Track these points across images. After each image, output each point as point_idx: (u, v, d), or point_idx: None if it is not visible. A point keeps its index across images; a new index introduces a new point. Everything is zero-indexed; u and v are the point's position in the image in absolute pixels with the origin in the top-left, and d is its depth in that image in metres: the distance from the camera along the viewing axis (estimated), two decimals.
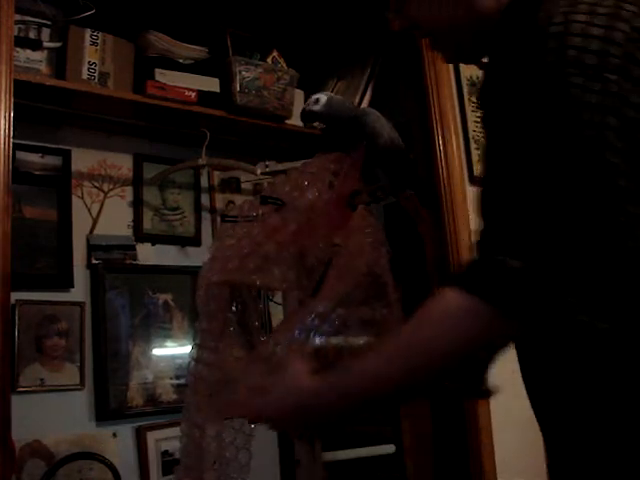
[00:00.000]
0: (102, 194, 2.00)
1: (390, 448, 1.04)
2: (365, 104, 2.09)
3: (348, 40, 2.19)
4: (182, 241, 2.13)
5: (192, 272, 1.96)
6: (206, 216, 2.20)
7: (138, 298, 1.97)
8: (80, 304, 1.86)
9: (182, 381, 1.90)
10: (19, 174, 1.76)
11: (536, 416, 0.87)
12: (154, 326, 1.98)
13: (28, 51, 1.71)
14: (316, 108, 1.13)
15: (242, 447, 1.04)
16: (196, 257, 2.11)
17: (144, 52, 1.95)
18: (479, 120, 1.90)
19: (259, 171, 2.10)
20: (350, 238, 0.98)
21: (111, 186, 2.02)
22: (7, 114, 1.36)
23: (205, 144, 2.00)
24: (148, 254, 2.05)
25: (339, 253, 0.95)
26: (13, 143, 1.36)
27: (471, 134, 1.90)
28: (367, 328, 0.91)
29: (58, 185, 1.90)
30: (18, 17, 1.62)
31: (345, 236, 0.98)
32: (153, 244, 2.07)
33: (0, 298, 1.27)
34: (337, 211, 1.00)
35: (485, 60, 0.86)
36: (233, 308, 1.04)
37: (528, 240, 0.70)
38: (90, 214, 1.96)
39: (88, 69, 1.80)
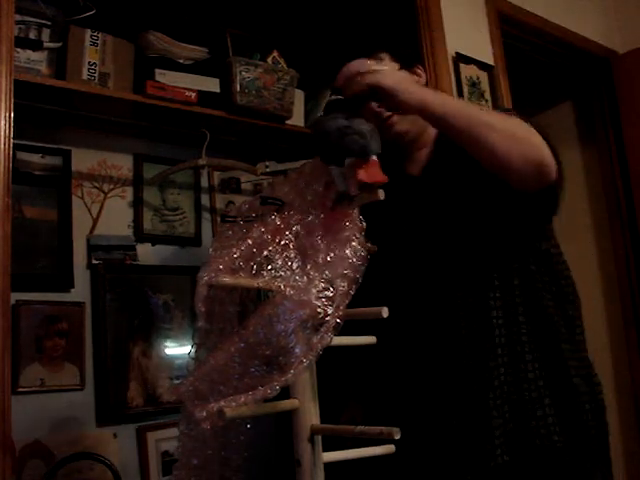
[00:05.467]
0: (102, 194, 2.00)
1: (390, 448, 1.04)
2: None
3: (348, 40, 2.19)
4: (182, 241, 2.13)
5: (192, 272, 1.95)
6: (206, 216, 2.20)
7: (138, 298, 1.97)
8: (80, 304, 1.86)
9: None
10: (19, 174, 1.76)
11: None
12: (154, 326, 1.98)
13: (28, 51, 1.71)
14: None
15: (237, 446, 1.04)
16: (196, 257, 2.11)
17: (144, 52, 1.95)
18: None
19: (259, 171, 2.10)
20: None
21: (111, 186, 2.02)
22: (7, 114, 1.36)
23: (205, 144, 2.00)
24: (148, 254, 2.04)
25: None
26: (13, 143, 1.36)
27: None
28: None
29: (58, 185, 1.90)
30: (18, 17, 1.62)
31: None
32: (153, 244, 2.07)
33: (0, 298, 1.27)
34: (334, 211, 1.00)
35: None
36: (232, 309, 1.04)
37: None
38: (90, 214, 1.96)
39: (88, 69, 1.80)
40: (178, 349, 2.00)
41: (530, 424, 1.18)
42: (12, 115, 1.36)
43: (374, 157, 1.03)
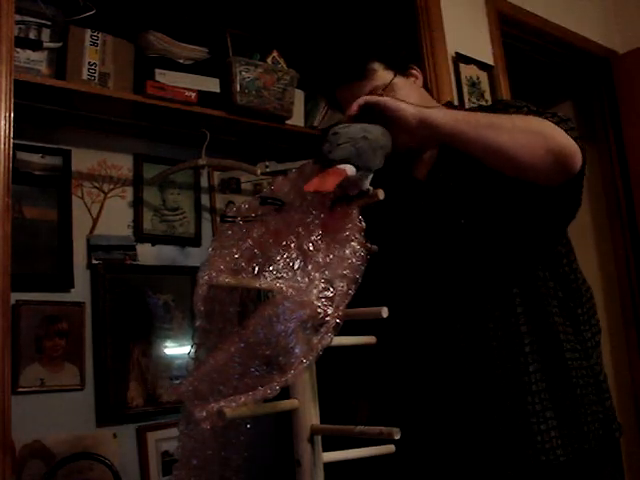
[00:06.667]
0: (102, 194, 2.00)
1: (390, 448, 1.04)
2: None
3: (341, 48, 2.19)
4: (182, 241, 2.13)
5: (192, 272, 1.95)
6: (206, 216, 2.20)
7: (138, 298, 1.97)
8: (80, 304, 1.86)
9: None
10: (19, 174, 1.76)
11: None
12: (154, 326, 1.98)
13: (28, 51, 1.71)
14: None
15: (237, 447, 1.04)
16: (196, 257, 2.11)
17: (144, 52, 1.95)
18: None
19: (259, 171, 2.10)
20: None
21: (111, 186, 2.02)
22: (7, 114, 1.36)
23: (205, 144, 2.00)
24: (148, 254, 2.04)
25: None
26: (13, 143, 1.36)
27: None
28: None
29: (58, 185, 1.90)
30: (18, 17, 1.62)
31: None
32: (153, 244, 2.07)
33: (0, 298, 1.27)
34: (333, 211, 1.00)
35: None
36: (232, 309, 1.04)
37: None
38: (90, 214, 1.96)
39: (88, 69, 1.80)
40: (178, 349, 2.00)
41: (535, 439, 1.15)
42: (12, 115, 1.36)
43: (341, 166, 0.97)
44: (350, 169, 0.97)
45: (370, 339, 1.08)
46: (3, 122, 1.35)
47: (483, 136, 1.08)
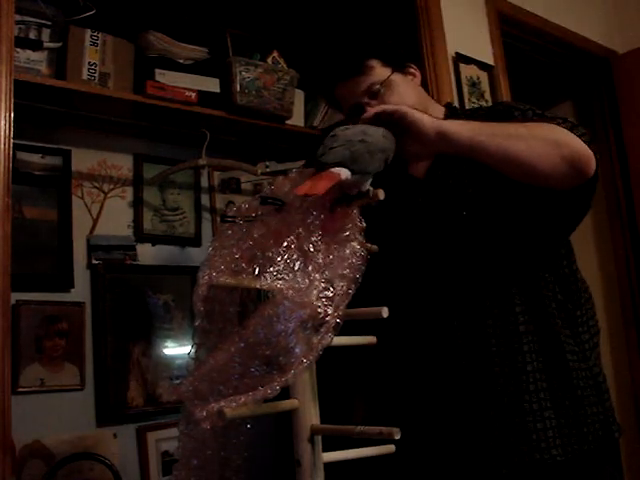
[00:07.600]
0: (102, 194, 2.00)
1: (390, 448, 1.04)
2: None
3: (346, 37, 2.19)
4: (182, 241, 2.13)
5: (192, 272, 1.95)
6: (206, 216, 2.20)
7: (138, 298, 1.97)
8: (80, 304, 1.87)
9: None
10: (19, 174, 1.76)
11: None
12: (154, 326, 1.98)
13: (28, 51, 1.71)
14: None
15: (237, 447, 1.04)
16: (196, 257, 2.11)
17: (144, 52, 1.95)
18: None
19: (259, 171, 2.10)
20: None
21: (111, 186, 2.02)
22: (7, 114, 1.36)
23: (205, 144, 2.00)
24: (148, 254, 2.05)
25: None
26: (13, 143, 1.36)
27: None
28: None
29: (58, 185, 1.90)
30: (18, 17, 1.62)
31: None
32: (153, 244, 2.07)
33: (0, 298, 1.27)
34: (333, 212, 1.00)
35: None
36: (232, 309, 1.04)
37: None
38: (90, 214, 1.96)
39: (88, 69, 1.81)
40: (178, 349, 2.00)
41: (531, 437, 1.15)
42: (12, 115, 1.36)
43: (335, 170, 0.93)
44: (344, 173, 0.94)
45: (370, 339, 1.08)
46: (3, 122, 1.35)
47: (502, 147, 1.07)
